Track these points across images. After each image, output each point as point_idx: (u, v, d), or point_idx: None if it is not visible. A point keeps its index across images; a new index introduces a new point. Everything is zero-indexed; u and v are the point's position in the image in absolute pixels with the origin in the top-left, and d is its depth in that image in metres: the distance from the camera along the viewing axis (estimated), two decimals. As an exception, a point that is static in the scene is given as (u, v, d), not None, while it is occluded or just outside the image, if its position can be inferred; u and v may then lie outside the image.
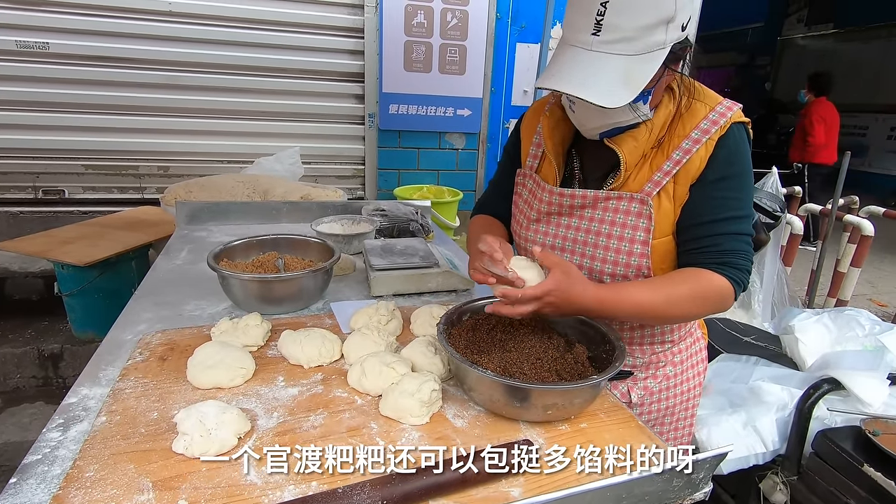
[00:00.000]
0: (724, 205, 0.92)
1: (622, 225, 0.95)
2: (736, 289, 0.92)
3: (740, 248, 0.92)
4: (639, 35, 0.81)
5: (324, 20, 3.07)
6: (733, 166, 0.92)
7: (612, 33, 0.81)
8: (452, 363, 0.92)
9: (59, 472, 0.71)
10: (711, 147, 0.91)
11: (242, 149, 3.17)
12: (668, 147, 0.93)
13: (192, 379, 0.90)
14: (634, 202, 0.94)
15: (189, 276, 1.43)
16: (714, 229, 0.92)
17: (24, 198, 2.96)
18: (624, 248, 0.96)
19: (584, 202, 0.99)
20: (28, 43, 2.74)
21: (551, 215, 1.04)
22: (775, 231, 2.17)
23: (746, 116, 0.95)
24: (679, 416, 1.16)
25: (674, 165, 0.92)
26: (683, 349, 1.13)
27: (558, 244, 1.03)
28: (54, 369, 2.44)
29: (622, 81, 0.81)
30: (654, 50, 0.82)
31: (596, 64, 0.82)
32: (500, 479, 0.71)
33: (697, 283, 0.91)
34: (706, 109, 0.93)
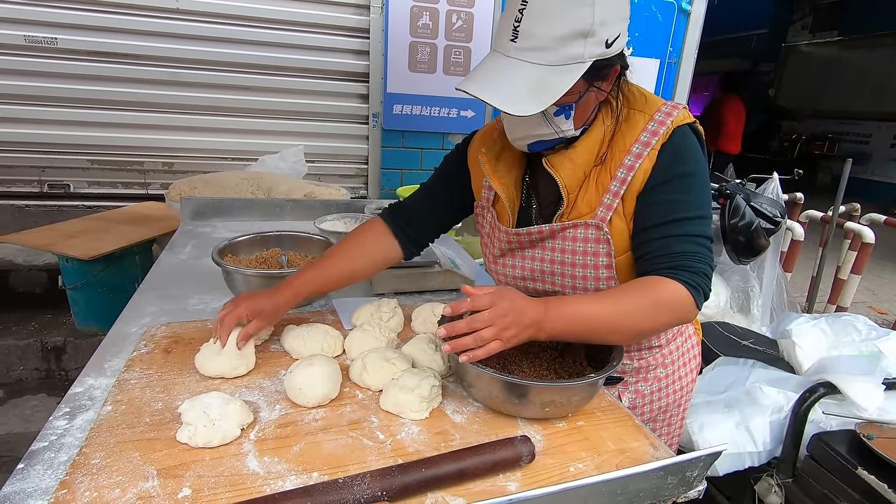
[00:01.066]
0: (670, 207, 0.88)
1: (583, 252, 0.94)
2: (692, 292, 0.85)
3: (691, 250, 0.87)
4: (554, 45, 0.79)
5: (330, 20, 3.09)
6: (676, 167, 0.89)
7: (527, 40, 0.80)
8: (452, 360, 0.94)
9: (65, 458, 0.72)
10: (654, 157, 0.89)
11: (247, 146, 3.18)
12: (612, 164, 0.91)
13: (200, 366, 0.93)
14: (591, 229, 0.93)
15: (193, 271, 1.45)
16: (660, 233, 0.88)
17: (30, 191, 2.97)
18: (590, 273, 0.95)
19: (542, 235, 0.97)
20: (36, 38, 2.75)
21: (514, 250, 1.03)
22: (775, 236, 2.18)
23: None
24: (672, 413, 1.17)
25: (620, 185, 0.90)
26: (674, 350, 1.12)
27: (527, 275, 1.03)
28: (57, 362, 2.45)
29: (532, 91, 0.80)
30: (570, 63, 0.80)
31: (511, 70, 0.81)
32: (497, 472, 0.73)
33: (648, 291, 0.85)
34: (645, 120, 0.90)
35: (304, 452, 0.75)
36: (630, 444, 0.82)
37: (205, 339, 1.03)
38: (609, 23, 0.80)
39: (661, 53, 3.48)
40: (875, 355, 1.44)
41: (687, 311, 0.86)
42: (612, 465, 0.77)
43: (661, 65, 3.50)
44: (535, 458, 0.75)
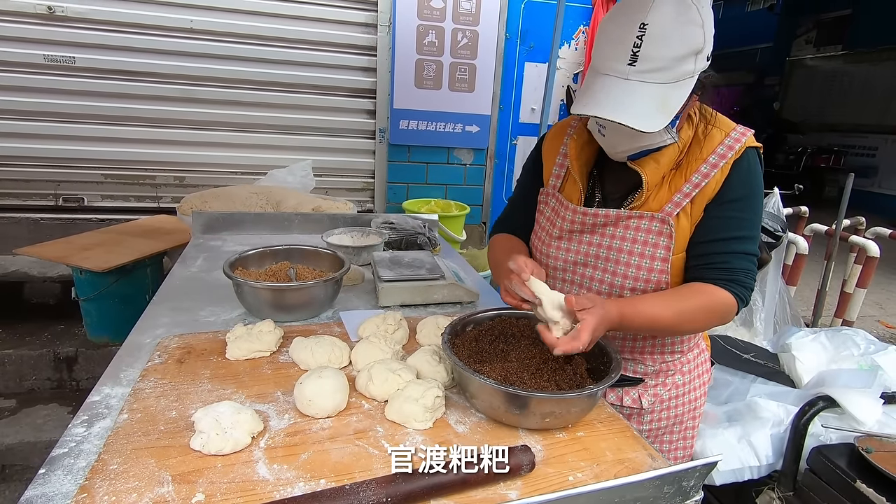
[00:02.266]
0: (735, 225, 0.98)
1: (643, 243, 1.01)
2: (739, 304, 0.99)
3: (747, 267, 0.98)
4: (672, 65, 0.87)
5: (338, 38, 3.17)
6: (746, 188, 0.98)
7: (647, 63, 0.86)
8: (455, 371, 0.96)
9: (84, 464, 0.75)
10: (727, 170, 0.97)
11: (256, 161, 3.26)
12: (687, 170, 0.99)
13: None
14: (655, 221, 1.00)
15: (204, 284, 1.49)
16: (724, 247, 0.98)
17: (45, 205, 3.06)
18: (644, 264, 1.01)
19: (607, 220, 1.04)
20: (55, 57, 2.85)
21: (573, 232, 1.09)
22: (777, 250, 2.19)
23: (756, 136, 1.01)
24: (686, 426, 1.20)
25: (693, 188, 0.98)
26: (691, 359, 1.18)
27: (580, 259, 1.08)
28: (68, 372, 2.50)
29: (657, 107, 0.88)
30: (685, 78, 0.89)
31: (632, 91, 0.88)
32: (498, 481, 0.75)
33: (706, 299, 0.97)
34: (722, 135, 0.99)
35: (311, 460, 0.78)
36: (628, 455, 0.84)
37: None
38: (710, 39, 0.89)
39: (664, 69, 3.52)
40: (873, 369, 1.45)
41: (730, 317, 1.02)
42: (611, 475, 0.79)
43: (664, 80, 3.54)
44: (536, 467, 0.78)
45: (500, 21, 3.31)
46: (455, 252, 2.06)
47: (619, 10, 0.90)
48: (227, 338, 1.09)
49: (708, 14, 0.88)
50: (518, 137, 3.62)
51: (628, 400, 1.15)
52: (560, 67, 3.44)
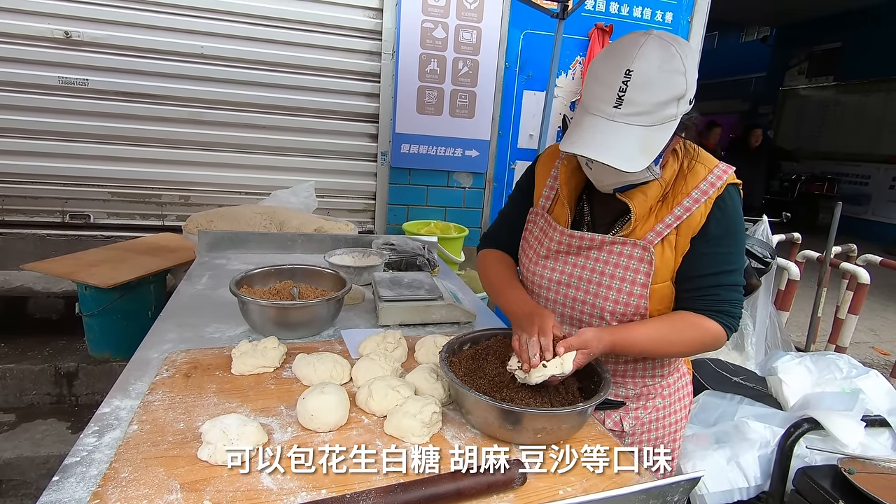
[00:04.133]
0: (723, 259, 1.05)
1: (625, 268, 1.06)
2: (728, 333, 1.07)
3: (735, 298, 1.07)
4: (655, 109, 0.92)
5: (343, 65, 3.29)
6: (729, 225, 1.04)
7: (631, 107, 0.92)
8: (452, 388, 1.00)
9: (95, 472, 0.79)
10: (710, 205, 1.03)
11: (261, 181, 3.33)
12: (672, 202, 1.05)
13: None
14: (637, 248, 1.05)
15: (210, 301, 1.53)
16: (714, 281, 1.04)
17: (52, 221, 3.11)
18: (625, 288, 1.06)
19: (592, 244, 1.09)
20: (69, 79, 2.95)
21: (560, 253, 1.14)
22: (766, 276, 2.25)
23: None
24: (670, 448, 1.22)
25: (675, 220, 1.04)
26: (672, 382, 1.21)
27: (564, 280, 1.13)
28: (69, 387, 2.51)
29: (640, 149, 0.93)
30: (667, 122, 0.94)
31: (617, 133, 0.93)
32: (491, 493, 0.79)
33: (697, 329, 1.05)
34: (706, 171, 1.05)
35: (313, 472, 0.81)
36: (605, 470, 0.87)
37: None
38: (692, 84, 0.95)
39: (658, 99, 3.63)
40: (855, 392, 1.49)
41: (718, 346, 1.10)
42: (599, 489, 0.82)
43: (658, 109, 3.65)
44: (527, 481, 0.81)
45: (500, 51, 3.43)
46: (453, 273, 2.11)
47: (609, 54, 0.96)
48: (232, 353, 1.13)
49: (691, 62, 0.93)
50: (516, 162, 3.71)
51: (610, 423, 1.18)
52: (557, 96, 3.56)
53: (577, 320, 1.13)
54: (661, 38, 0.93)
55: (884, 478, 1.24)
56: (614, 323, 1.09)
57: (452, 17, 3.27)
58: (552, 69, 2.77)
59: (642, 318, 1.07)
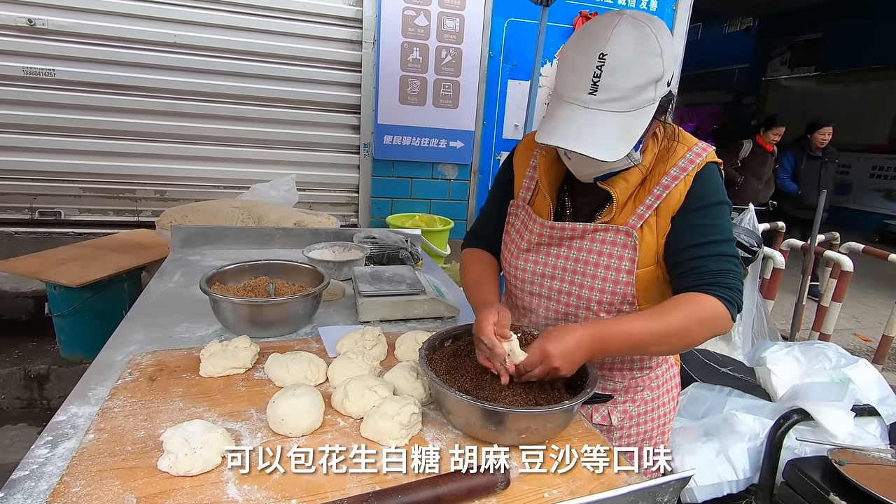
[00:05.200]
0: (706, 230, 0.97)
1: (609, 255, 1.01)
2: (729, 307, 0.94)
3: (727, 269, 0.96)
4: (632, 94, 0.87)
5: (323, 54, 3.20)
6: (711, 197, 0.98)
7: (607, 93, 0.87)
8: (432, 387, 0.96)
9: (45, 487, 0.73)
10: (690, 181, 0.98)
11: (239, 175, 3.24)
12: (650, 183, 1.00)
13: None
14: (620, 234, 1.00)
15: (181, 299, 1.46)
16: (698, 252, 0.96)
17: (21, 218, 2.99)
18: (610, 276, 1.01)
19: (574, 234, 1.04)
20: (34, 69, 2.82)
21: (541, 245, 1.09)
22: (753, 265, 2.23)
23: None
24: (656, 441, 1.19)
25: (655, 199, 0.99)
26: (660, 374, 1.18)
27: (548, 272, 1.08)
28: (39, 390, 2.42)
29: (619, 136, 0.88)
30: (645, 106, 0.89)
31: (593, 121, 0.88)
32: (472, 499, 0.74)
33: (690, 308, 0.93)
34: (684, 149, 1.00)
35: (283, 480, 0.76)
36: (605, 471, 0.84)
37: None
38: (670, 66, 0.90)
39: (643, 88, 3.61)
40: (844, 382, 1.48)
41: (724, 324, 0.95)
42: (587, 491, 0.79)
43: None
44: (511, 484, 0.77)
45: (484, 39, 3.37)
46: (437, 267, 2.06)
47: (581, 38, 0.91)
48: (200, 354, 1.07)
49: (667, 42, 0.89)
50: (502, 153, 3.66)
51: (598, 417, 1.15)
52: (542, 85, 3.51)
53: (564, 313, 1.09)
54: (635, 18, 0.88)
55: (874, 468, 1.23)
56: (602, 314, 1.05)
57: (434, 5, 3.20)
58: (537, 58, 2.71)
59: (630, 306, 1.03)
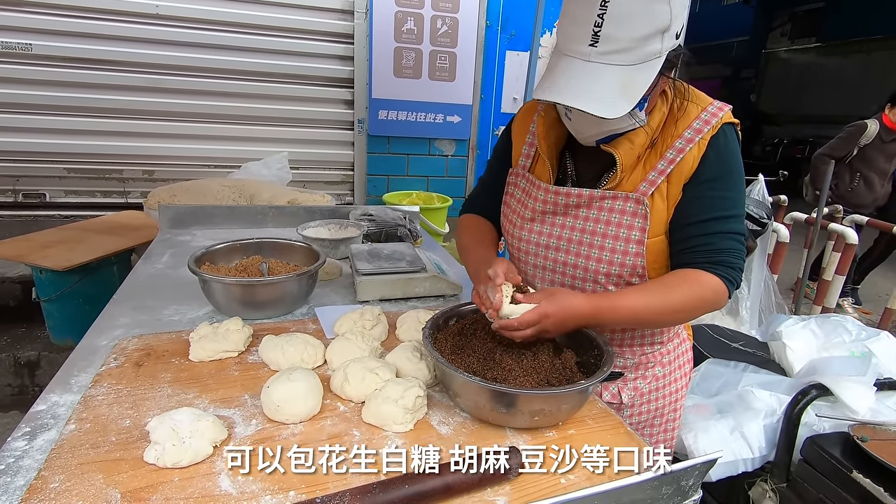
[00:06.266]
0: (716, 204, 0.92)
1: (618, 224, 0.95)
2: (729, 287, 0.92)
3: (732, 247, 0.92)
4: (636, 45, 0.80)
5: (313, 25, 3.06)
6: (725, 166, 0.92)
7: (609, 44, 0.80)
8: (438, 368, 0.90)
9: (22, 483, 0.67)
10: (704, 146, 0.91)
11: (230, 153, 3.13)
12: (662, 147, 0.94)
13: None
14: (630, 202, 0.94)
15: (170, 281, 1.40)
16: (706, 228, 0.92)
17: (4, 201, 2.89)
18: (619, 247, 0.95)
19: (580, 201, 0.98)
20: (10, 44, 2.69)
21: (546, 214, 1.03)
22: (762, 238, 2.18)
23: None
24: (668, 418, 1.16)
25: (668, 164, 0.92)
26: (671, 350, 1.13)
27: (553, 243, 1.02)
28: (31, 377, 2.37)
29: (620, 92, 0.81)
30: (650, 59, 0.82)
31: (594, 75, 0.82)
32: (484, 487, 0.69)
33: (692, 285, 0.91)
34: (698, 110, 0.93)
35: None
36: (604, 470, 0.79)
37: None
38: (679, 16, 0.82)
39: (645, 58, 3.50)
40: (866, 356, 1.43)
41: (721, 303, 0.95)
42: (605, 476, 0.74)
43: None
44: (525, 469, 0.72)
45: (481, 8, 3.24)
46: (437, 244, 2.00)
47: None
48: (190, 338, 1.01)
49: None
50: (500, 128, 3.56)
51: (607, 395, 1.10)
52: (542, 56, 3.38)
53: (570, 286, 1.03)
54: None
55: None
56: (610, 287, 0.99)
57: (429, -28, 3.06)
58: (536, 27, 2.61)
59: (640, 279, 0.97)
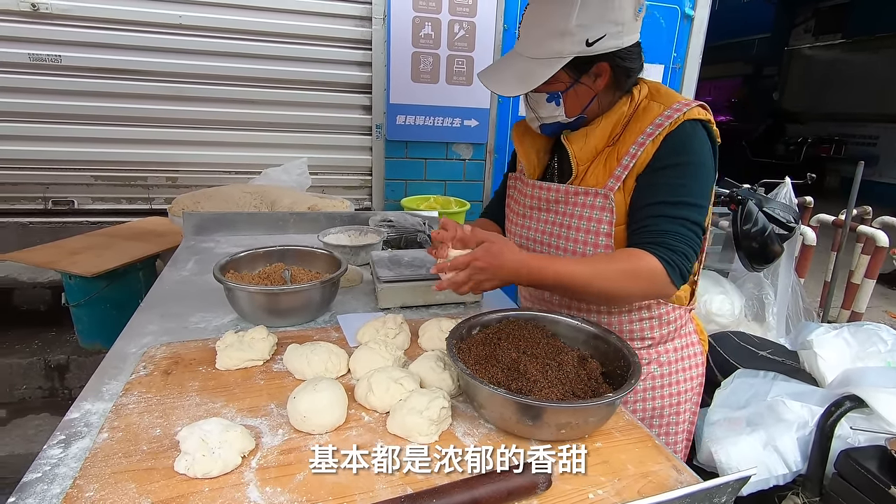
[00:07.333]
0: (665, 190, 0.97)
1: (588, 218, 1.05)
2: (668, 269, 0.93)
3: (677, 231, 0.95)
4: (539, 42, 0.98)
5: (332, 32, 3.09)
6: (678, 156, 0.97)
7: (524, 40, 1.02)
8: (462, 379, 0.90)
9: (58, 490, 0.69)
10: (658, 143, 0.98)
11: (250, 159, 3.17)
12: (622, 146, 1.02)
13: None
14: (599, 197, 1.03)
15: (195, 288, 1.42)
16: (651, 211, 0.98)
17: (34, 208, 2.97)
18: (590, 239, 1.05)
19: (558, 196, 1.10)
20: (41, 56, 2.77)
21: (533, 209, 1.16)
22: (789, 242, 2.12)
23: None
24: (670, 420, 1.17)
25: (631, 159, 1.00)
26: (671, 350, 1.16)
27: (538, 237, 1.15)
28: (60, 380, 2.43)
29: (519, 77, 0.99)
30: (552, 57, 0.97)
31: (510, 62, 1.03)
32: (512, 501, 0.68)
33: (626, 261, 0.95)
34: (660, 109, 1.01)
35: (307, 481, 0.71)
36: (652, 468, 0.78)
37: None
38: (589, 25, 0.95)
39: (666, 59, 3.45)
40: (903, 367, 1.39)
41: (660, 285, 0.95)
42: (634, 492, 0.73)
43: (666, 70, 3.47)
44: (552, 484, 0.71)
45: (498, 12, 3.22)
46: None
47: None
48: (216, 346, 1.02)
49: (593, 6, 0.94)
50: (517, 131, 3.55)
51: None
52: (559, 59, 3.36)
53: None
54: None
55: (937, 459, 1.15)
56: None
57: (446, -23, 3.06)
58: (554, 29, 2.58)
59: None
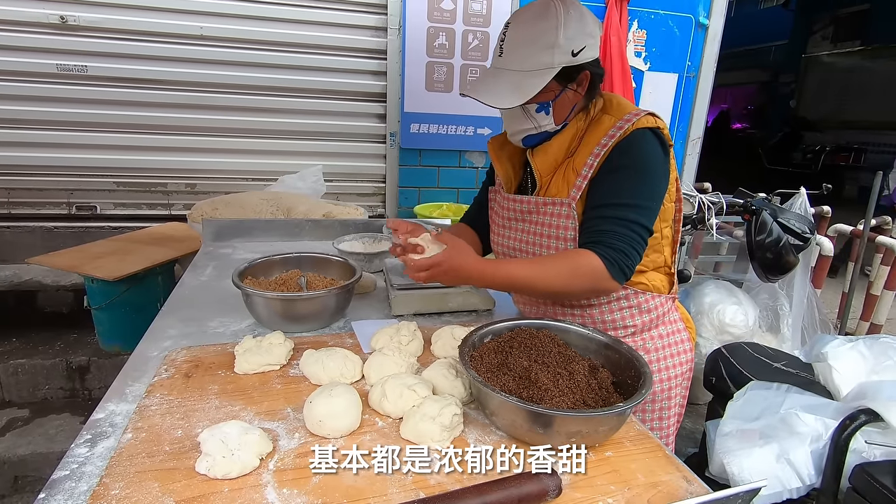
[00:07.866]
0: (608, 193, 1.04)
1: (556, 227, 1.12)
2: (608, 266, 1.00)
3: (618, 230, 1.01)
4: (528, 55, 1.03)
5: (348, 42, 3.15)
6: (622, 160, 1.03)
7: (508, 55, 1.06)
8: (474, 387, 0.91)
9: (85, 488, 0.72)
10: (608, 153, 1.05)
11: (267, 167, 3.24)
12: (578, 159, 1.09)
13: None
14: (563, 206, 1.11)
15: (214, 293, 1.46)
16: (596, 213, 1.05)
17: (59, 213, 3.06)
18: (560, 245, 1.12)
19: (529, 207, 1.17)
20: (68, 66, 2.86)
21: (511, 220, 1.22)
22: (804, 253, 2.10)
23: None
24: (662, 406, 1.21)
25: (589, 170, 1.07)
26: (656, 337, 1.20)
27: (517, 245, 1.21)
28: (81, 381, 2.49)
29: (512, 90, 1.03)
30: (542, 68, 1.02)
31: (497, 77, 1.06)
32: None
33: (567, 260, 1.04)
34: (612, 122, 1.07)
35: (323, 484, 0.73)
36: (662, 478, 0.78)
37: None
38: (573, 38, 1.02)
39: (680, 68, 3.45)
40: (920, 381, 1.36)
41: (600, 281, 1.02)
42: (644, 501, 0.73)
43: (680, 79, 3.47)
44: (563, 491, 0.72)
45: (511, 22, 3.26)
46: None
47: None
48: (235, 351, 1.05)
49: (571, 16, 1.01)
50: (530, 139, 3.56)
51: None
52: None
53: None
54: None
55: (955, 475, 1.13)
56: None
57: (461, -12, 3.10)
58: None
59: None
